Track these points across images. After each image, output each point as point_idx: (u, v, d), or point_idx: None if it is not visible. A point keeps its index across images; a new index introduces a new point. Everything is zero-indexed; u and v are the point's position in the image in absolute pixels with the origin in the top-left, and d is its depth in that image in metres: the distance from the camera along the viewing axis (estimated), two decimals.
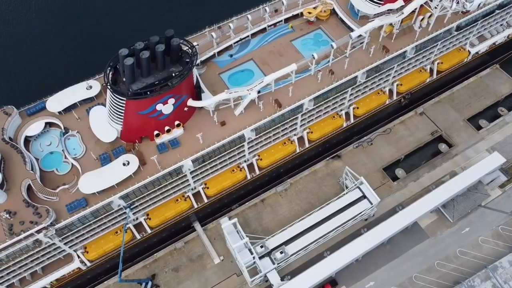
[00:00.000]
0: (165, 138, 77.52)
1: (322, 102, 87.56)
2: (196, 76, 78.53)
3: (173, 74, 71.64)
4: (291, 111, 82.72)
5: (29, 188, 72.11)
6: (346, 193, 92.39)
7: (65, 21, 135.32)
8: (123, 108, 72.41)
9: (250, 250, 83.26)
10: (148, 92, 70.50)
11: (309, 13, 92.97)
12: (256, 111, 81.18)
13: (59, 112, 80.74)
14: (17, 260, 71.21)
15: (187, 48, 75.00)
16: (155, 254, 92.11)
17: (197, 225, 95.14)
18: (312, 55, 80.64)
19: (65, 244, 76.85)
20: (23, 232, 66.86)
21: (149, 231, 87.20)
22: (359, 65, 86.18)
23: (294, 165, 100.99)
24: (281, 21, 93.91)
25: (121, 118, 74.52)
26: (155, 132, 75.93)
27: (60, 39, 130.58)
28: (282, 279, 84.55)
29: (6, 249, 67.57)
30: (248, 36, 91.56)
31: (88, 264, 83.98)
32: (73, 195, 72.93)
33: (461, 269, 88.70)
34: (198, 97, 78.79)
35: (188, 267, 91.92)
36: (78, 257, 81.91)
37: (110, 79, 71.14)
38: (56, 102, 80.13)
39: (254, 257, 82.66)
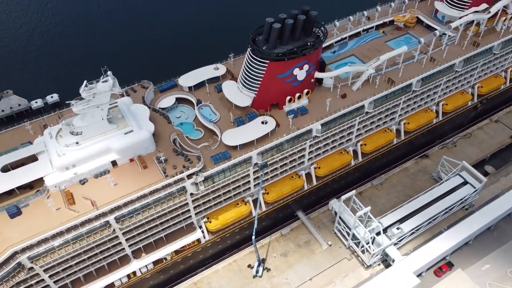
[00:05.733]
0: (294, 105, 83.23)
1: (425, 87, 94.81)
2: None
3: (308, 43, 79.76)
4: (402, 88, 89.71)
5: (173, 143, 75.81)
6: (447, 179, 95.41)
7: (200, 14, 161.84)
8: (262, 74, 79.15)
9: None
10: (288, 57, 78.09)
11: (398, 19, 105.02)
12: (371, 88, 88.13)
13: (189, 88, 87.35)
14: (157, 212, 72.12)
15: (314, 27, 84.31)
16: (260, 241, 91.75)
17: (300, 214, 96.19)
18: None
19: (194, 208, 77.99)
20: (178, 174, 69.34)
21: (264, 208, 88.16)
22: (455, 55, 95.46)
23: (388, 160, 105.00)
24: (373, 27, 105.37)
25: (256, 85, 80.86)
26: (288, 98, 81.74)
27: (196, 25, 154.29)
28: None
29: (158, 192, 69.22)
30: (346, 37, 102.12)
31: (208, 237, 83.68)
32: (214, 151, 76.43)
33: None
34: (321, 71, 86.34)
35: (296, 252, 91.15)
36: (200, 227, 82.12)
37: (251, 45, 78.99)
38: (188, 79, 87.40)
39: (374, 229, 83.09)
